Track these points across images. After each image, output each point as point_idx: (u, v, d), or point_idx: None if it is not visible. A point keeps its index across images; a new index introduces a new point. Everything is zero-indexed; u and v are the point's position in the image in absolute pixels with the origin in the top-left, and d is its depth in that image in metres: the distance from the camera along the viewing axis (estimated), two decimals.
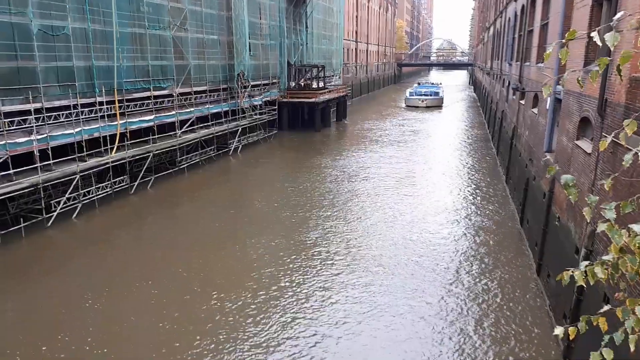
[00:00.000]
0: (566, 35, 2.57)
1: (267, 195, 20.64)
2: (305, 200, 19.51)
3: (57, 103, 17.19)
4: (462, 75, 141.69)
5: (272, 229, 16.20)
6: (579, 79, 2.92)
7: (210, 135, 26.49)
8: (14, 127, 15.47)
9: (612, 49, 2.39)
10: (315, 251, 14.37)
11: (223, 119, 28.40)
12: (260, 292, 11.81)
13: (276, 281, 12.41)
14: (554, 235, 11.33)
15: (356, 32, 71.96)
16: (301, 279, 12.57)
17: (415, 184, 22.35)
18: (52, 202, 16.53)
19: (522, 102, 19.63)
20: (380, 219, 17.36)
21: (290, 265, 13.34)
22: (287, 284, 12.34)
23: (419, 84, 74.76)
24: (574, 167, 10.31)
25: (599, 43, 2.41)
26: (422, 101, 55.78)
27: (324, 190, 21.05)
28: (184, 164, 24.02)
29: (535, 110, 16.28)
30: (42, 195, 15.98)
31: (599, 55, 9.28)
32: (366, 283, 12.40)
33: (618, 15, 2.42)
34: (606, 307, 2.70)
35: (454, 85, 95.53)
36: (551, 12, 15.46)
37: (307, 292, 11.88)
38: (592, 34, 2.38)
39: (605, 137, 2.59)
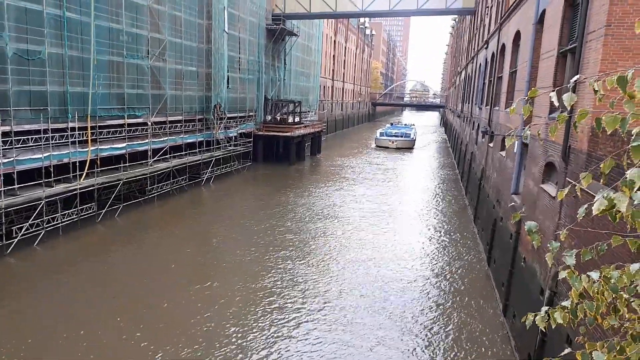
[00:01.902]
0: (529, 93, 2.74)
1: (232, 231, 20.07)
2: (269, 240, 18.54)
3: (27, 127, 16.85)
4: (433, 117, 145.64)
5: (229, 273, 15.18)
6: (539, 132, 3.08)
7: (183, 165, 26.29)
8: None
9: (568, 108, 2.57)
10: (270, 303, 13.02)
11: (197, 149, 28.28)
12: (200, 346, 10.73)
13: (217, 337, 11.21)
14: (520, 276, 11.54)
15: (333, 71, 73.60)
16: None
17: (383, 225, 21.90)
18: (13, 227, 15.96)
19: (491, 145, 20.26)
20: (347, 261, 16.76)
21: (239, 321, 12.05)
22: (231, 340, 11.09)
23: (391, 124, 74.77)
24: (539, 210, 10.62)
25: (556, 103, 2.58)
26: (392, 142, 53.91)
27: (289, 229, 20.28)
28: (154, 193, 23.66)
29: (503, 153, 16.81)
30: (4, 221, 15.44)
31: (562, 105, 9.77)
32: (327, 329, 12.25)
33: (575, 78, 2.61)
34: (567, 351, 2.78)
35: (425, 126, 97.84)
36: (519, 61, 16.22)
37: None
38: (551, 95, 2.55)
39: (562, 189, 2.73)
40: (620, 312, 2.58)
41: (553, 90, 2.59)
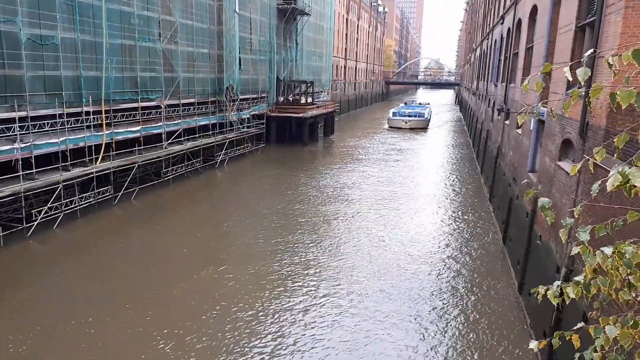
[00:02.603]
0: (542, 68, 2.67)
1: (245, 214, 20.16)
2: (283, 223, 18.51)
3: (42, 112, 17.05)
4: (448, 95, 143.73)
5: (245, 258, 15.05)
6: (552, 110, 3.01)
7: (197, 148, 26.43)
8: None
9: (582, 83, 2.50)
10: (282, 287, 12.96)
11: (211, 132, 28.37)
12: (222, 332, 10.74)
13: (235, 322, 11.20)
14: (536, 254, 11.47)
15: (345, 50, 72.81)
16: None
17: (397, 206, 21.86)
18: (33, 211, 16.28)
19: (507, 122, 19.97)
20: (363, 243, 16.98)
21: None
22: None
23: (405, 103, 73.31)
24: (556, 188, 10.49)
25: (570, 78, 2.51)
26: (406, 122, 52.12)
27: (303, 212, 20.29)
28: (169, 176, 23.88)
29: (519, 130, 16.57)
30: (24, 205, 15.75)
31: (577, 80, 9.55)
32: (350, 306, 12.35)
33: (588, 52, 2.53)
34: (580, 325, 2.77)
35: (440, 105, 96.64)
36: (536, 36, 15.85)
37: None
38: (564, 69, 2.49)
39: (575, 164, 2.69)
40: (635, 287, 2.55)
41: (567, 65, 2.52)
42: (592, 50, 2.54)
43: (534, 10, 16.32)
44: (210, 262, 14.69)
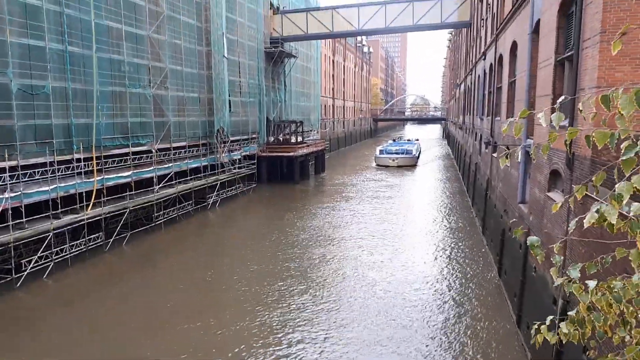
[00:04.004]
0: (519, 113, 2.78)
1: (235, 260, 19.81)
2: (272, 268, 17.99)
3: (33, 160, 17.04)
4: (435, 129, 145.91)
5: (225, 310, 14.33)
6: (533, 151, 3.09)
7: (189, 190, 26.39)
8: None
9: (557, 128, 2.61)
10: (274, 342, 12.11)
11: (202, 174, 28.42)
12: None
13: None
14: (532, 286, 11.43)
15: (333, 89, 74.20)
16: None
17: (390, 244, 21.69)
18: (22, 261, 16.01)
19: (495, 155, 20.25)
20: (356, 283, 16.80)
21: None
22: None
23: (394, 140, 73.08)
24: (547, 218, 10.58)
25: (544, 124, 2.61)
26: (393, 160, 51.00)
27: (294, 255, 19.68)
28: (160, 219, 23.71)
29: (507, 163, 16.75)
30: (13, 255, 15.49)
31: (564, 110, 9.81)
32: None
33: (561, 98, 2.65)
34: None
35: (428, 140, 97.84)
36: (518, 70, 16.31)
37: None
38: (539, 115, 2.59)
39: (556, 203, 2.76)
40: (629, 323, 2.56)
41: (541, 111, 2.63)
42: (562, 97, 2.65)
43: (514, 45, 16.86)
44: (195, 315, 13.78)
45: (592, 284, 2.52)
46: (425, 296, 15.26)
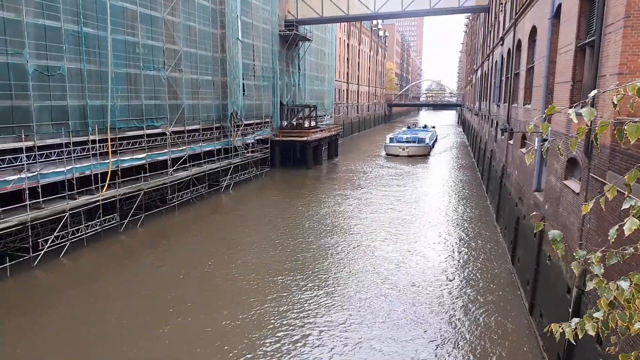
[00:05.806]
0: (546, 110, 2.67)
1: (251, 243, 20.04)
2: (285, 255, 17.85)
3: (49, 141, 17.22)
4: (451, 116, 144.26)
5: (250, 295, 14.35)
6: (559, 147, 2.98)
7: (202, 173, 26.53)
8: (4, 165, 15.42)
9: (588, 123, 2.47)
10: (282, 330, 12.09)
11: (216, 157, 28.53)
12: None
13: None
14: (546, 275, 11.32)
15: (347, 74, 73.61)
16: None
17: (403, 232, 21.70)
18: (39, 240, 16.29)
19: (511, 142, 19.97)
20: (369, 270, 16.85)
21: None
22: None
23: (408, 127, 71.20)
24: (563, 207, 10.42)
25: (575, 120, 2.48)
26: (403, 149, 47.11)
27: (307, 242, 19.76)
28: (174, 202, 23.91)
29: (523, 150, 16.55)
30: (30, 234, 15.77)
31: (584, 97, 9.61)
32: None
33: (593, 92, 2.53)
34: None
35: (443, 126, 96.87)
36: (536, 56, 15.97)
37: None
38: (569, 111, 2.48)
39: (585, 203, 2.67)
40: None
41: (571, 107, 2.51)
42: (595, 91, 2.53)
43: (534, 31, 16.48)
44: (203, 301, 13.91)
45: (624, 284, 2.43)
46: (437, 282, 15.24)
